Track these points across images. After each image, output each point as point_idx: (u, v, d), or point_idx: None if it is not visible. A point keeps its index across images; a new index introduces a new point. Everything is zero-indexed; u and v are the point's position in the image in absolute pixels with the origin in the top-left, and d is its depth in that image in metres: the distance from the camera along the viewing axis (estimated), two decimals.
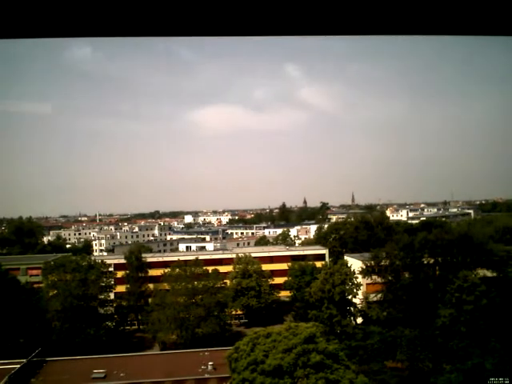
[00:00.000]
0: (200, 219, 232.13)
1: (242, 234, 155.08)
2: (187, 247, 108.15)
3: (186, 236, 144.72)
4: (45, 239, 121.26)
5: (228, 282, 64.76)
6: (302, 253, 75.87)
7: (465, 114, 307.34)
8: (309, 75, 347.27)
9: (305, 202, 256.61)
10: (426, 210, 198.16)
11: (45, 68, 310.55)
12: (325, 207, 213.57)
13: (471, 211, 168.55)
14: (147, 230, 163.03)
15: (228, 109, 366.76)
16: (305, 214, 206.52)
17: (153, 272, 67.17)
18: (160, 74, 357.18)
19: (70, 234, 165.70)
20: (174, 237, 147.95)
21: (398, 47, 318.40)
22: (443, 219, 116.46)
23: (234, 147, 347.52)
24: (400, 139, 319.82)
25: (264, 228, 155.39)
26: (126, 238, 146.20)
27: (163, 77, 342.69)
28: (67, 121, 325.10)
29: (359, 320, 53.62)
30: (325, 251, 75.92)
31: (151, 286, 64.06)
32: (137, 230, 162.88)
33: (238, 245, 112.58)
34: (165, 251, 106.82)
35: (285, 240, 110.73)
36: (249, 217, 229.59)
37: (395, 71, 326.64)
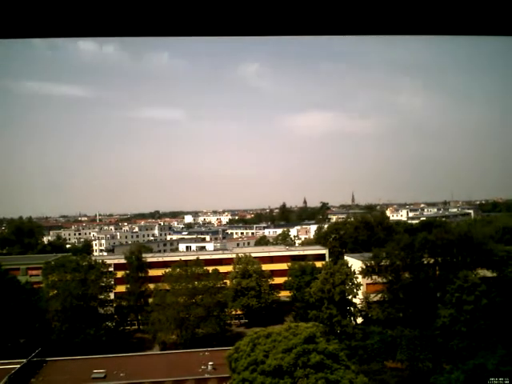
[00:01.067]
0: (200, 219, 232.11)
1: (242, 234, 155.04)
2: (187, 247, 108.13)
3: (186, 236, 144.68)
4: (45, 239, 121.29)
5: (228, 282, 64.73)
6: (301, 253, 75.81)
7: (465, 114, 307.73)
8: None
9: (305, 202, 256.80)
10: (426, 210, 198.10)
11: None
12: (325, 207, 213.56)
13: (471, 211, 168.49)
14: (147, 230, 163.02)
15: (225, 110, 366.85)
16: (305, 214, 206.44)
17: (153, 272, 67.13)
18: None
19: (69, 234, 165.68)
20: (174, 237, 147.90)
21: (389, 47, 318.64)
22: (443, 219, 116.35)
23: (233, 147, 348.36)
24: (400, 140, 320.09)
25: (264, 228, 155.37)
26: (126, 237, 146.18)
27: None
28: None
29: (359, 320, 53.61)
30: (325, 251, 75.87)
31: (151, 285, 63.99)
32: (137, 230, 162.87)
33: (237, 245, 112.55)
34: (165, 251, 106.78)
35: (285, 240, 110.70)
36: (249, 217, 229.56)
37: (390, 71, 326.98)
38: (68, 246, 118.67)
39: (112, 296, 64.08)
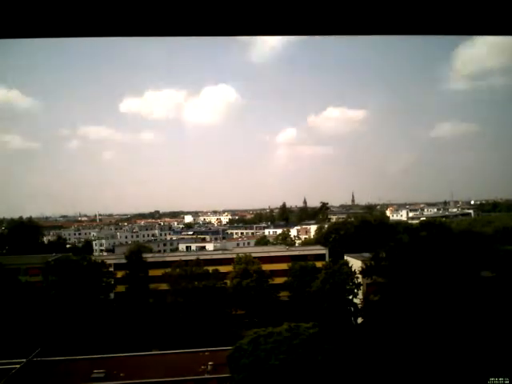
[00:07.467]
0: (200, 219, 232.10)
1: (242, 233, 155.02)
2: (187, 247, 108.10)
3: (186, 236, 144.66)
4: (45, 239, 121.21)
5: (228, 282, 64.72)
6: (302, 253, 75.76)
7: (464, 113, 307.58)
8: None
9: (305, 201, 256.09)
10: (425, 210, 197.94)
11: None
12: (325, 207, 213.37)
13: (471, 211, 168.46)
14: (147, 229, 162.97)
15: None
16: (305, 214, 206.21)
17: (153, 272, 67.11)
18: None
19: (69, 234, 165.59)
20: (174, 237, 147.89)
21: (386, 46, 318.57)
22: (443, 219, 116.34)
23: (231, 146, 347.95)
24: (400, 140, 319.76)
25: (264, 228, 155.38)
26: (126, 237, 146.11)
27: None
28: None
29: (359, 320, 53.64)
30: (325, 251, 75.83)
31: (151, 285, 63.95)
32: (137, 229, 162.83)
33: (238, 245, 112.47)
34: (165, 251, 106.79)
35: (285, 240, 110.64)
36: (249, 217, 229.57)
37: (383, 71, 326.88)
38: (68, 245, 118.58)
39: (112, 296, 64.08)
